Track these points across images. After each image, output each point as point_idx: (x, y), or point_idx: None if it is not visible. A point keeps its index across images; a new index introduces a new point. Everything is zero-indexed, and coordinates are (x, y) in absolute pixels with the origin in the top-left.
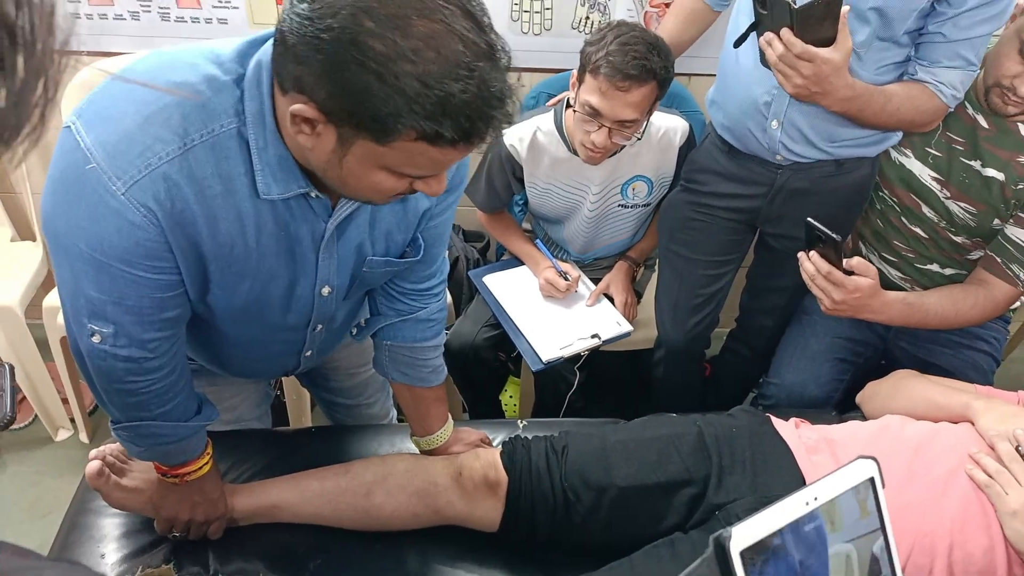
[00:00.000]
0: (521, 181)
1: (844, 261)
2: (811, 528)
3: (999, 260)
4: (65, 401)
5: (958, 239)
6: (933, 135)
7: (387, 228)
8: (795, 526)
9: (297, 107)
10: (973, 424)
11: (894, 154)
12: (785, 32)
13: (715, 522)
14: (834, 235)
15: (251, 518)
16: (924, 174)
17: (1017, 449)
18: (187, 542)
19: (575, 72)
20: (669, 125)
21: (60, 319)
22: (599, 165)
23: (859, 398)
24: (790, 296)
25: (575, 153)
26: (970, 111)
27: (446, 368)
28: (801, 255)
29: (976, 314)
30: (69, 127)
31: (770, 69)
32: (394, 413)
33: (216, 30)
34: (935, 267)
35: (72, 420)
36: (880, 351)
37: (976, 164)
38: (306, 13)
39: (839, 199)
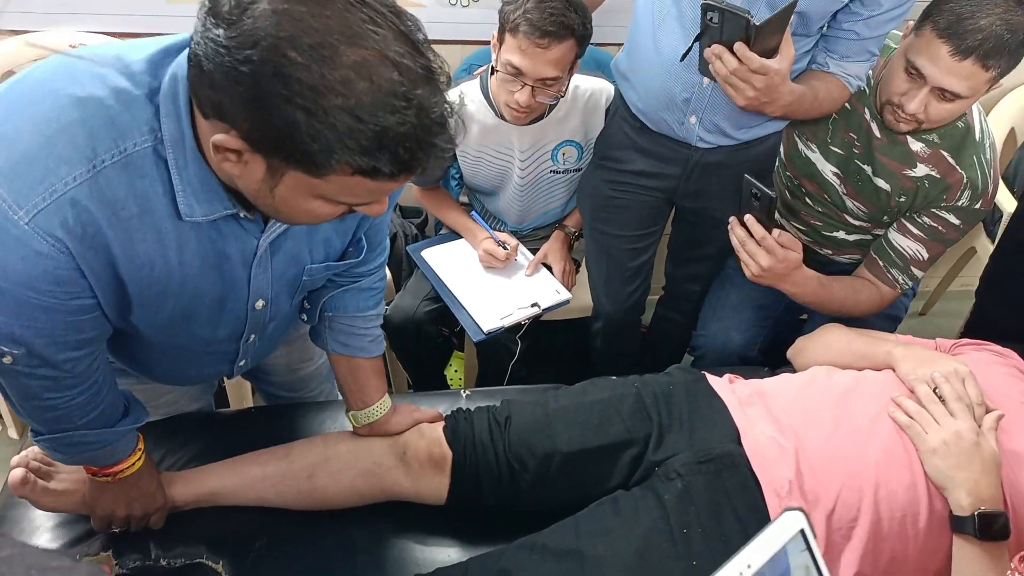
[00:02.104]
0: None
1: (774, 231)
2: None
3: (881, 264)
4: None
5: (856, 223)
6: (836, 134)
7: (325, 236)
8: None
9: (219, 137)
10: (894, 370)
11: (801, 146)
12: (740, 47)
13: (655, 478)
14: (769, 191)
15: (192, 505)
16: (826, 169)
17: (935, 391)
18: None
19: (495, 33)
20: (595, 87)
21: None
22: (525, 130)
23: (789, 353)
24: (714, 263)
25: (503, 118)
26: (867, 117)
27: (384, 341)
28: (733, 220)
29: (871, 307)
30: None
31: (708, 76)
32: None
33: (134, 2)
34: (841, 234)
35: None
36: None
37: (868, 170)
38: (222, 41)
39: (751, 168)
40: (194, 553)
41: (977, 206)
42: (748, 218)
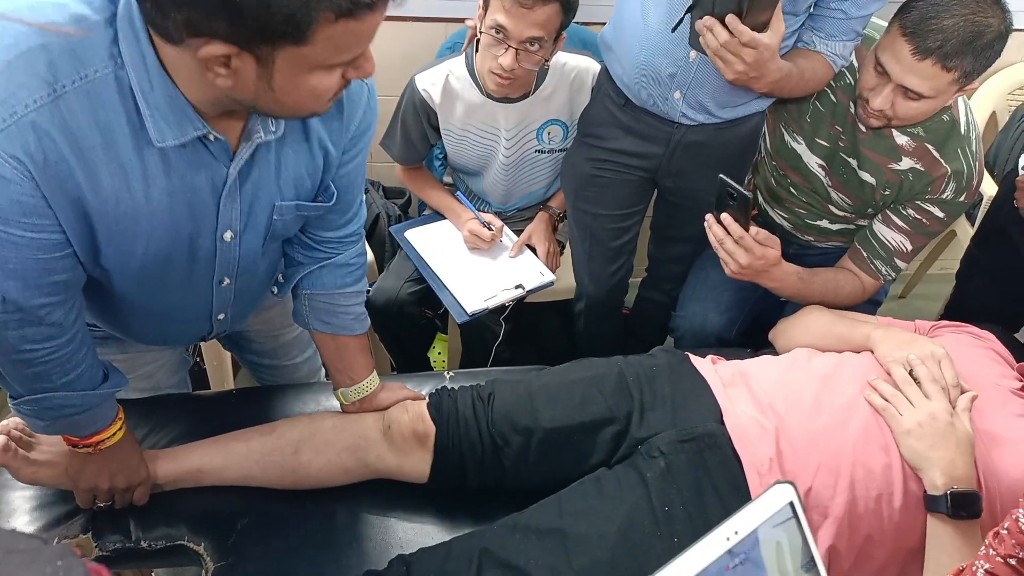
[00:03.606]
0: (437, 130)
1: (751, 228)
2: (742, 564)
3: (864, 255)
4: None
5: (840, 213)
6: (822, 127)
7: (294, 173)
8: (720, 566)
9: (206, 49)
10: (873, 353)
11: (787, 138)
12: (732, 19)
13: (637, 456)
14: (746, 192)
15: (175, 483)
16: (812, 161)
17: (911, 373)
18: (105, 511)
19: (480, 3)
20: (581, 66)
21: None
22: (511, 109)
23: (771, 334)
24: (696, 244)
25: (489, 96)
26: (852, 110)
27: (369, 318)
28: (709, 218)
29: (853, 299)
30: None
31: (698, 48)
32: (323, 372)
33: None
34: (824, 223)
35: None
36: None
37: (853, 163)
38: None
39: (734, 149)
40: (175, 535)
41: (961, 199)
42: (725, 217)
